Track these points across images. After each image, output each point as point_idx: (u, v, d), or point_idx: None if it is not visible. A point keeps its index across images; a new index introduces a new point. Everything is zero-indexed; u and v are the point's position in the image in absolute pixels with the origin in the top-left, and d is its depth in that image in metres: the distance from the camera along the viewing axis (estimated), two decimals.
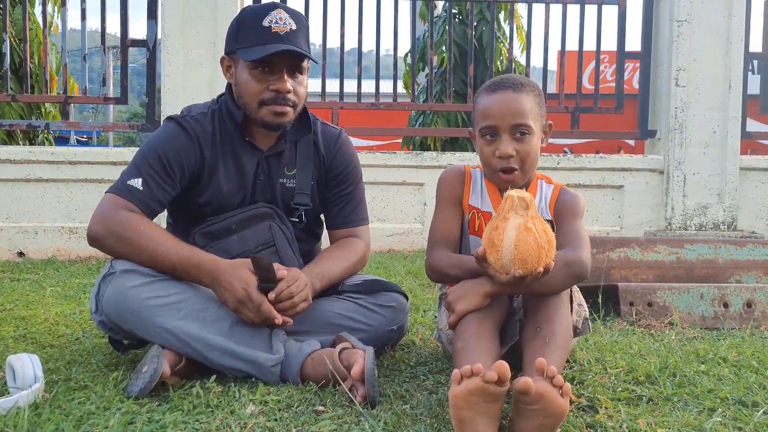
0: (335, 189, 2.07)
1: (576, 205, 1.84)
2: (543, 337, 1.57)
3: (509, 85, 1.78)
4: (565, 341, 1.60)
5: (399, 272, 3.63)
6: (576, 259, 1.68)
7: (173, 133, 1.91)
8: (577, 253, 1.70)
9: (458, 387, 1.34)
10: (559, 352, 1.55)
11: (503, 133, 1.76)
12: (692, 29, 4.66)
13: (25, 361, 1.59)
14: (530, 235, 1.52)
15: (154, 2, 4.58)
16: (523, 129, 1.76)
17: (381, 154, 4.68)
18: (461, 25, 8.18)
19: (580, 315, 1.84)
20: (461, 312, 1.65)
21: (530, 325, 1.64)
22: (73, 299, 2.94)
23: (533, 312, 1.66)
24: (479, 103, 1.82)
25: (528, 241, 1.52)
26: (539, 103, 1.81)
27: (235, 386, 1.66)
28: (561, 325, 1.61)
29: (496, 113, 1.76)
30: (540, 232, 1.53)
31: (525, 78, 1.84)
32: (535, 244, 1.52)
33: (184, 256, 1.76)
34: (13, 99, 4.86)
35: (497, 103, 1.77)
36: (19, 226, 4.34)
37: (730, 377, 1.81)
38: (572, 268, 1.67)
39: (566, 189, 1.89)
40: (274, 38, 1.83)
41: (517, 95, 1.76)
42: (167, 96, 4.48)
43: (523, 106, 1.76)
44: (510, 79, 1.81)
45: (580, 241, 1.74)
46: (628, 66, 8.22)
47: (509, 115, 1.75)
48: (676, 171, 4.68)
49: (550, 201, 1.86)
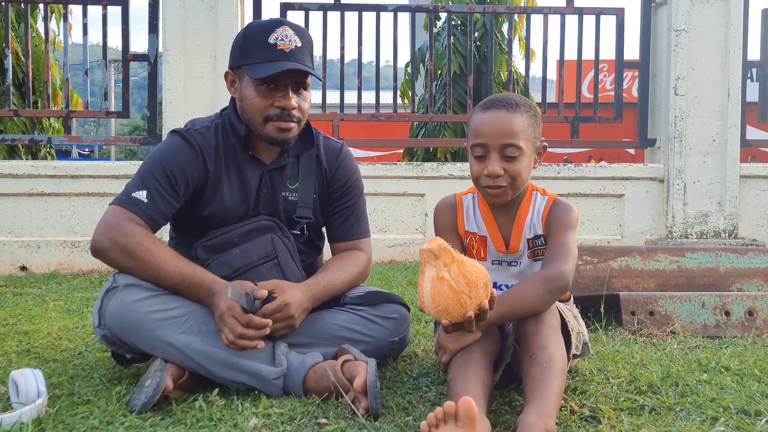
0: (337, 202, 2.08)
1: (567, 217, 1.81)
2: (540, 363, 1.55)
3: (503, 104, 1.76)
4: (562, 365, 1.58)
5: (400, 283, 3.63)
6: (554, 275, 1.68)
7: (177, 146, 1.92)
8: (555, 267, 1.70)
9: None
10: (559, 375, 1.54)
11: (493, 152, 1.74)
12: (690, 38, 4.69)
13: (29, 376, 1.59)
14: (444, 284, 1.50)
15: (155, 17, 4.61)
16: (512, 149, 1.74)
17: (382, 165, 4.70)
18: (463, 36, 8.22)
19: (580, 341, 1.83)
20: (454, 350, 1.65)
21: (525, 354, 1.62)
22: (75, 313, 2.94)
23: (525, 341, 1.64)
24: (473, 120, 1.81)
25: (442, 291, 1.50)
26: (533, 124, 1.78)
27: (238, 399, 1.66)
28: (557, 351, 1.59)
29: (486, 132, 1.75)
30: (456, 278, 1.49)
31: (521, 98, 1.82)
32: (450, 292, 1.50)
33: (186, 274, 1.77)
34: (15, 114, 4.88)
35: (489, 122, 1.76)
36: (21, 240, 4.35)
37: (732, 386, 1.81)
38: (552, 284, 1.66)
39: (560, 200, 1.86)
40: (280, 56, 1.85)
41: (510, 115, 1.74)
42: (168, 109, 4.50)
43: (515, 126, 1.74)
44: (505, 98, 1.79)
45: (563, 254, 1.73)
46: (627, 75, 8.25)
47: (500, 135, 1.73)
48: (677, 179, 4.69)
49: (543, 213, 1.84)
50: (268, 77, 1.85)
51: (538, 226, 1.84)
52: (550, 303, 1.70)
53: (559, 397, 1.50)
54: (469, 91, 5.08)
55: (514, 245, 1.84)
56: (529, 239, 1.84)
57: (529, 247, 1.84)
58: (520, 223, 1.84)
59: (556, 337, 1.64)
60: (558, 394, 1.49)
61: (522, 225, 1.84)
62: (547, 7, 4.96)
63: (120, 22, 4.63)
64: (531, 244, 1.84)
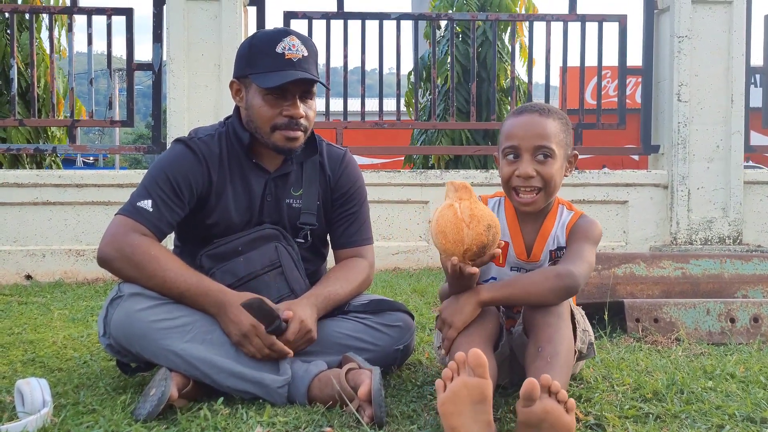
0: (340, 209, 2.09)
1: (588, 230, 1.82)
2: (545, 357, 1.56)
3: (536, 109, 1.80)
4: (567, 360, 1.60)
5: (404, 291, 3.63)
6: (566, 272, 1.68)
7: (182, 155, 1.93)
8: (568, 266, 1.70)
9: (443, 394, 1.38)
10: (563, 371, 1.55)
11: (525, 153, 1.76)
12: (693, 45, 4.69)
13: (34, 386, 1.60)
14: (450, 210, 1.62)
15: (159, 26, 4.64)
16: (545, 151, 1.75)
17: (385, 172, 4.71)
18: (464, 44, 8.23)
19: (584, 341, 1.83)
20: (460, 326, 1.66)
21: (531, 345, 1.64)
22: (80, 322, 2.95)
23: (534, 332, 1.66)
24: (505, 125, 1.83)
25: (446, 216, 1.62)
26: (565, 131, 1.81)
27: (243, 408, 1.66)
28: (563, 345, 1.60)
29: (519, 134, 1.77)
30: (463, 208, 1.62)
31: (554, 107, 1.86)
32: (453, 217, 1.61)
33: (192, 283, 1.78)
34: (20, 123, 4.90)
35: (522, 125, 1.78)
36: (26, 249, 4.36)
37: (737, 393, 1.80)
38: (562, 280, 1.66)
39: (586, 216, 1.87)
40: (288, 65, 1.87)
41: (543, 119, 1.77)
42: (172, 118, 4.52)
43: (547, 129, 1.76)
44: (538, 104, 1.83)
45: (579, 259, 1.74)
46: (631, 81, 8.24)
47: (532, 137, 1.76)
48: (681, 186, 4.69)
49: (568, 226, 1.84)
50: (278, 86, 1.86)
51: (561, 238, 1.84)
52: (559, 299, 1.69)
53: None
54: (472, 99, 5.09)
55: (536, 254, 1.85)
56: (552, 250, 1.85)
57: (551, 258, 1.85)
58: (545, 233, 1.85)
59: (564, 329, 1.65)
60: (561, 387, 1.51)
61: (547, 235, 1.85)
62: (549, 15, 4.98)
63: (125, 31, 4.66)
64: (553, 255, 1.85)
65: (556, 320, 1.65)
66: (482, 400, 1.38)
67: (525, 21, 5.10)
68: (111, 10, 4.64)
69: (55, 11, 5.10)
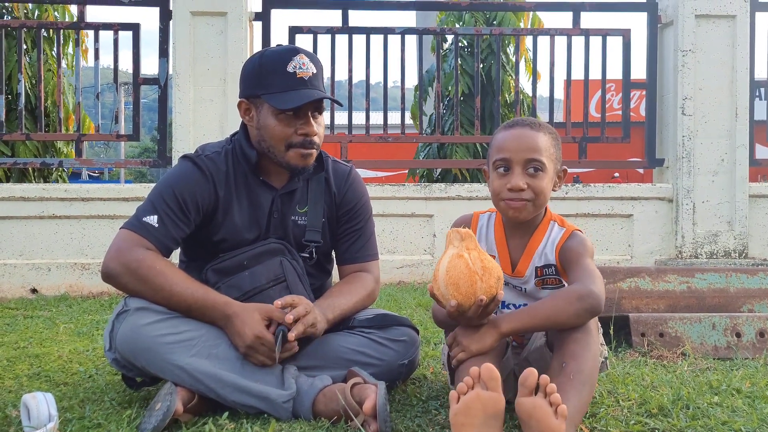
0: (346, 225, 2.10)
1: (582, 246, 1.80)
2: (568, 374, 1.55)
3: (527, 123, 1.81)
4: (591, 378, 1.58)
5: (409, 305, 3.63)
6: (588, 292, 1.65)
7: (188, 172, 1.94)
8: (587, 286, 1.67)
9: (456, 405, 1.39)
10: (584, 389, 1.54)
11: (516, 166, 1.76)
12: (697, 59, 4.71)
13: (40, 400, 1.60)
14: (461, 261, 1.59)
15: (165, 41, 4.68)
16: (536, 164, 1.76)
17: (390, 186, 4.72)
18: (470, 58, 8.27)
19: (601, 354, 1.82)
20: (474, 353, 1.64)
21: (556, 360, 1.63)
22: (86, 336, 2.95)
23: (559, 347, 1.65)
24: (495, 138, 1.84)
25: (458, 267, 1.59)
26: (555, 146, 1.82)
27: (248, 423, 1.66)
28: (588, 362, 1.59)
29: (511, 147, 1.78)
30: (474, 260, 1.59)
31: (544, 122, 1.87)
32: (465, 269, 1.58)
33: (199, 296, 1.79)
34: (27, 137, 4.94)
35: (513, 138, 1.79)
36: (32, 262, 4.38)
37: (744, 408, 1.79)
38: (585, 301, 1.63)
39: (577, 233, 1.84)
40: (300, 84, 1.89)
41: (534, 132, 1.78)
42: (178, 132, 4.55)
43: (539, 143, 1.77)
44: (528, 119, 1.84)
45: (590, 276, 1.71)
46: (635, 94, 8.26)
47: (524, 150, 1.76)
48: (686, 199, 4.68)
49: (558, 244, 1.82)
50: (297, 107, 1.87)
51: (550, 256, 1.82)
52: (584, 321, 1.66)
53: (580, 409, 1.52)
54: (477, 112, 5.11)
55: (521, 270, 1.84)
56: (538, 267, 1.83)
57: (537, 275, 1.83)
58: (531, 249, 1.84)
59: (592, 344, 1.64)
60: (578, 407, 1.52)
61: (533, 252, 1.84)
62: (554, 29, 5.00)
63: (131, 46, 4.70)
64: (540, 272, 1.83)
65: (583, 335, 1.63)
66: (494, 414, 1.39)
67: (529, 35, 5.11)
68: (118, 26, 4.68)
69: (63, 26, 5.14)
